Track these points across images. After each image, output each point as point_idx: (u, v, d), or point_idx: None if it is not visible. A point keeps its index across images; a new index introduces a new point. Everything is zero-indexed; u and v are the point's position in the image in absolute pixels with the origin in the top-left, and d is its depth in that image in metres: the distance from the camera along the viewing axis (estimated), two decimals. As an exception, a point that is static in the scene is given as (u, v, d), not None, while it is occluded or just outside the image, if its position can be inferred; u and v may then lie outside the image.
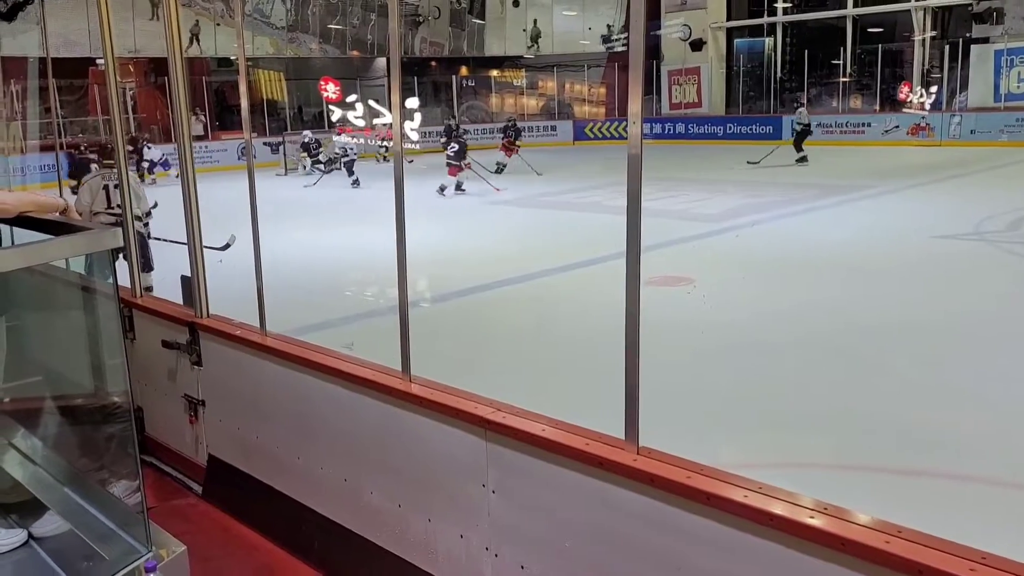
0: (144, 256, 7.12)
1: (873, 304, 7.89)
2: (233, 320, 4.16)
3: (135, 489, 2.60)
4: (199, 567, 3.26)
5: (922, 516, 2.17)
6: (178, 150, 4.21)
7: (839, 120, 26.19)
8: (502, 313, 8.40)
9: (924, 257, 9.95)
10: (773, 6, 28.89)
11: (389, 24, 3.25)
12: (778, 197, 15.27)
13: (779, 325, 7.26)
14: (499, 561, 2.85)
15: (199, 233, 4.21)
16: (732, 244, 11.28)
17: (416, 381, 3.16)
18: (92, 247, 2.36)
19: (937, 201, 14.44)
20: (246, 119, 4.34)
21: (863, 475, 4.53)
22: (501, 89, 33.35)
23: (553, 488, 2.63)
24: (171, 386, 4.44)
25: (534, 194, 16.74)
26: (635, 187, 2.39)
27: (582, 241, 11.12)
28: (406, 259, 3.23)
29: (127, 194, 4.79)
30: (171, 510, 4.12)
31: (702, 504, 2.24)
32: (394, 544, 3.27)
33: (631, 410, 2.47)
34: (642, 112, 2.43)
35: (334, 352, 3.61)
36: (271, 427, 3.87)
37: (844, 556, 1.97)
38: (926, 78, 24.87)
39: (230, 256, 6.34)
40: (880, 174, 17.86)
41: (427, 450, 3.07)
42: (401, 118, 3.39)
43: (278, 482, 3.87)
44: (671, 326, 6.85)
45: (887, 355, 6.45)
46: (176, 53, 4.06)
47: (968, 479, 4.42)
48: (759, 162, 20.10)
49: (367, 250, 10.65)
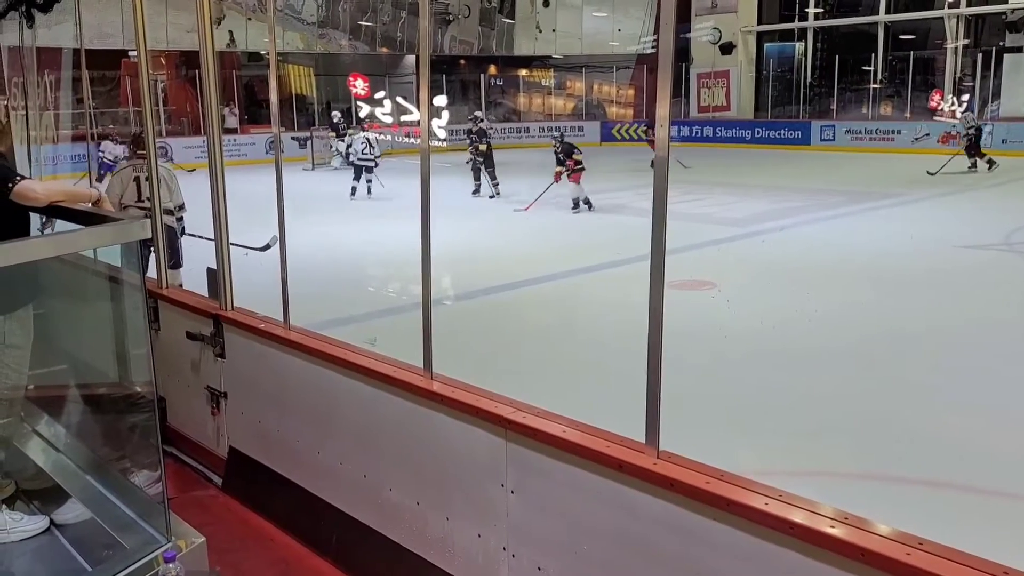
0: (173, 251, 6.92)
1: (898, 313, 7.80)
2: (257, 313, 4.18)
3: (156, 479, 2.63)
4: (217, 559, 3.29)
5: (945, 529, 2.14)
6: (207, 143, 4.23)
7: (868, 127, 25.95)
8: (525, 313, 8.39)
9: (951, 267, 9.83)
10: (804, 11, 28.66)
11: (419, 22, 3.25)
12: (804, 203, 15.14)
13: (802, 331, 7.20)
14: (516, 561, 2.84)
15: (226, 226, 4.24)
16: (757, 249, 11.20)
17: (437, 379, 3.16)
18: (120, 238, 2.38)
19: (966, 210, 14.26)
20: (275, 113, 4.37)
21: (885, 485, 4.48)
22: (529, 89, 33.36)
23: (572, 490, 2.62)
24: (194, 377, 4.48)
25: (561, 194, 16.70)
26: (661, 189, 2.38)
27: (607, 242, 11.09)
28: (430, 256, 3.23)
29: (156, 186, 4.83)
30: (191, 501, 4.15)
31: (721, 510, 2.22)
32: (412, 541, 3.27)
33: (652, 414, 2.45)
34: (670, 115, 2.41)
35: (356, 348, 3.62)
36: (292, 421, 3.88)
37: (864, 567, 1.95)
38: (958, 86, 24.55)
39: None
40: (909, 182, 17.66)
41: (447, 448, 3.07)
42: (429, 115, 3.39)
43: (298, 476, 3.89)
44: (694, 330, 6.82)
45: (911, 364, 6.38)
46: (207, 47, 4.08)
47: (991, 493, 4.36)
48: (936, 173, 17.99)
49: (391, 246, 10.66)
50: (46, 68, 12.70)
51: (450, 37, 30.96)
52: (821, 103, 28.10)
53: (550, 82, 33.00)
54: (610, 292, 8.56)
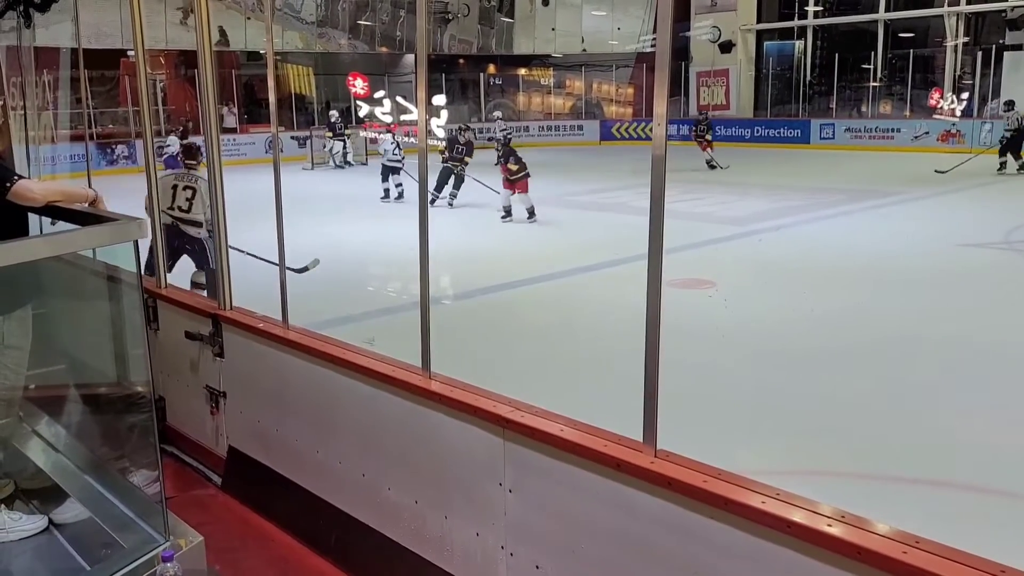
0: (203, 256, 7.04)
1: (897, 312, 7.81)
2: (256, 313, 4.18)
3: (155, 479, 2.63)
4: (216, 558, 3.29)
5: (943, 528, 2.14)
6: (206, 143, 4.24)
7: (868, 125, 25.96)
8: (525, 312, 8.40)
9: (951, 266, 9.83)
10: (804, 9, 28.66)
11: (417, 21, 3.25)
12: (804, 201, 15.15)
13: (800, 330, 7.21)
14: (514, 560, 2.84)
15: (224, 225, 4.24)
16: (755, 248, 11.21)
17: (436, 378, 3.16)
18: (117, 238, 2.38)
19: (966, 209, 14.27)
20: (273, 112, 4.37)
21: (884, 484, 4.49)
22: (529, 88, 33.37)
23: (570, 489, 2.63)
24: (193, 377, 4.48)
25: (560, 193, 16.71)
26: (658, 188, 2.38)
27: (607, 241, 11.09)
28: (428, 255, 3.24)
29: (155, 189, 4.83)
30: (190, 500, 4.15)
31: (719, 509, 2.22)
32: (410, 540, 3.27)
33: (649, 412, 2.45)
34: (669, 113, 2.41)
35: (355, 347, 3.62)
36: (291, 420, 3.89)
37: (861, 565, 1.95)
38: (957, 84, 24.56)
39: (254, 249, 6.38)
40: (909, 180, 17.66)
41: (445, 448, 3.07)
42: (428, 115, 3.39)
43: (297, 475, 3.89)
44: (692, 329, 6.83)
45: (910, 363, 6.39)
46: (205, 47, 4.08)
47: (990, 492, 4.37)
48: (947, 171, 17.74)
49: (390, 245, 10.68)
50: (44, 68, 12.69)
51: (449, 36, 30.97)
52: (821, 101, 28.10)
53: (549, 81, 33.00)
54: (609, 291, 8.56)
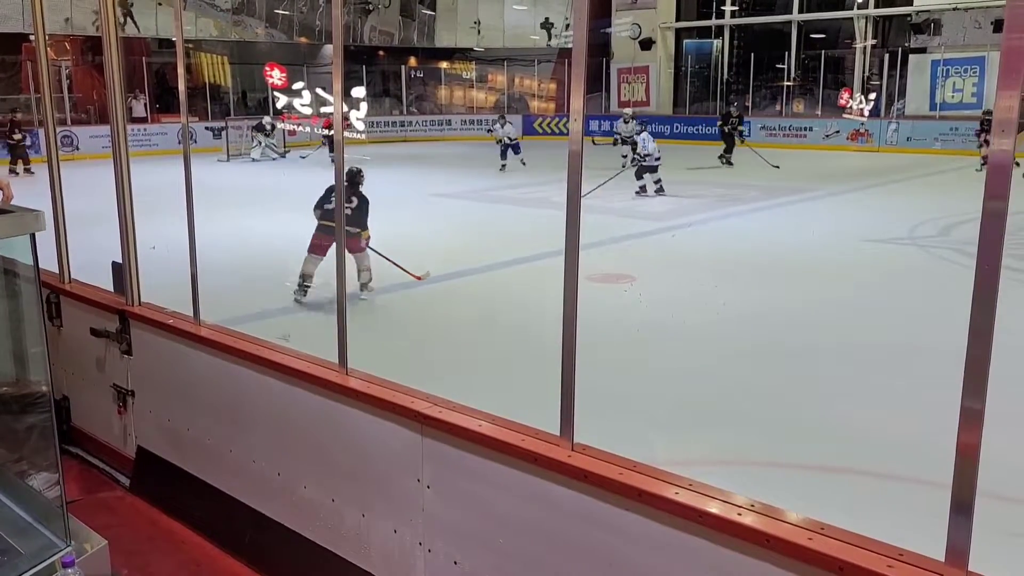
0: None
1: (805, 305, 8.06)
2: (166, 309, 4.06)
3: (55, 482, 2.53)
4: (123, 561, 3.19)
5: (848, 514, 2.21)
6: (111, 132, 4.08)
7: (782, 123, 26.68)
8: (445, 307, 8.36)
9: (857, 260, 10.19)
10: (721, 8, 29.28)
11: (332, 10, 3.19)
12: (721, 198, 15.49)
13: (714, 323, 7.36)
14: (432, 556, 2.83)
15: (131, 217, 4.10)
16: (672, 243, 11.41)
17: (353, 375, 3.12)
18: (13, 230, 2.28)
19: (874, 205, 14.79)
20: (183, 102, 4.23)
21: (794, 472, 4.62)
22: (451, 81, 33.23)
23: (488, 483, 2.62)
24: (99, 376, 4.32)
25: (481, 188, 16.71)
26: (575, 183, 2.39)
27: (528, 236, 11.13)
28: (344, 250, 3.19)
29: (57, 175, 4.63)
30: (96, 503, 4.01)
31: (634, 500, 2.25)
32: (327, 539, 3.22)
33: (567, 406, 2.47)
34: (588, 109, 2.43)
35: (270, 344, 3.55)
36: (203, 419, 3.78)
37: (770, 553, 2.00)
38: (866, 85, 25.48)
39: (164, 243, 6.18)
40: (820, 177, 18.23)
41: (363, 444, 3.03)
42: (345, 107, 3.33)
43: (209, 475, 3.79)
44: (609, 323, 6.91)
45: (817, 355, 6.59)
46: (111, 32, 3.93)
47: (891, 477, 4.53)
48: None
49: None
50: (-60, 52, 12.09)
51: (370, 27, 30.62)
52: (737, 100, 28.76)
53: (472, 75, 32.93)
54: (529, 286, 8.60)
